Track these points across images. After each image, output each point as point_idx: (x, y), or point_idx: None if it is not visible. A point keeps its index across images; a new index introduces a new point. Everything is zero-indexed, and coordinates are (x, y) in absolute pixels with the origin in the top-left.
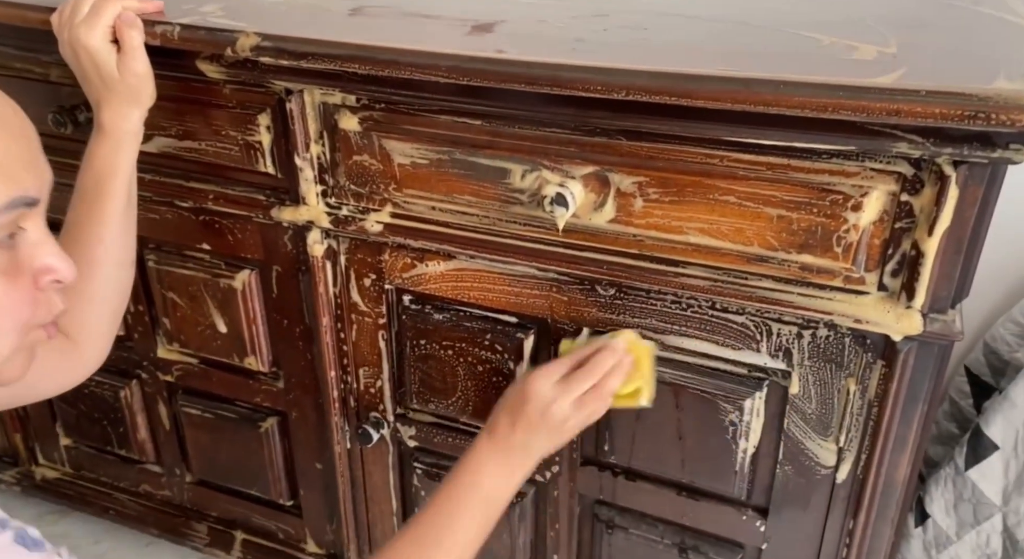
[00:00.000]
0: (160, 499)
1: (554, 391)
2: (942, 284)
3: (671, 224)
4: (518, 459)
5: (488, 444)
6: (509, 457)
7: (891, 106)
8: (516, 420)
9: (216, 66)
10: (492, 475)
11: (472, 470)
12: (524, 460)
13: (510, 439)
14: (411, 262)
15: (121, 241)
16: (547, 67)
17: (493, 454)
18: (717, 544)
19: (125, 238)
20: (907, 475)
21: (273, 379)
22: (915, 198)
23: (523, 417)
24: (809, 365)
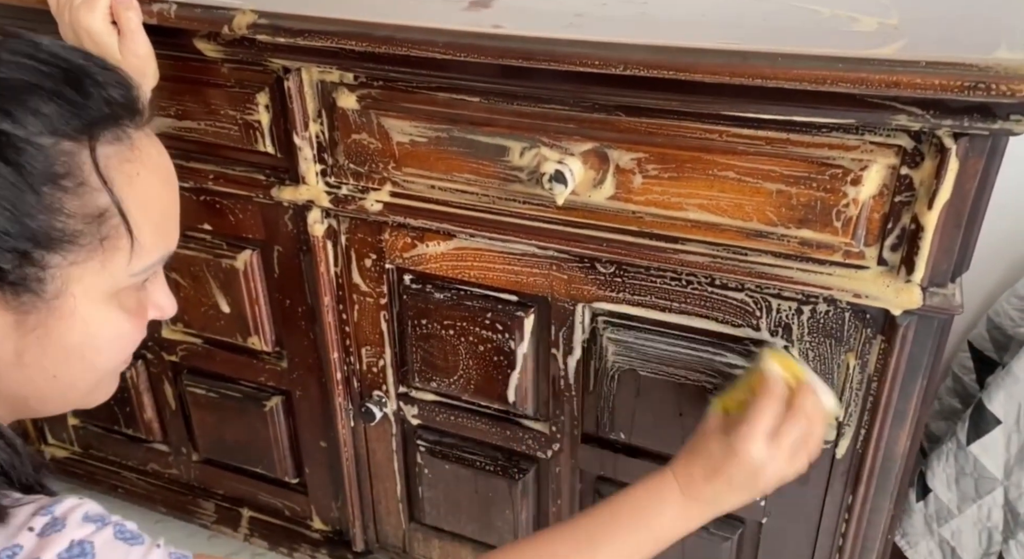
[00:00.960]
0: (168, 477)
1: (767, 452)
2: (942, 258)
3: (670, 200)
4: (700, 511)
5: (675, 487)
6: (691, 508)
7: (890, 78)
8: (716, 476)
9: (213, 45)
10: (671, 517)
11: (649, 505)
12: (707, 513)
13: (702, 491)
14: (411, 242)
15: None
16: (545, 42)
17: (678, 498)
18: (717, 519)
19: None
20: (906, 449)
21: (277, 359)
22: (915, 171)
23: (723, 476)
24: (809, 340)
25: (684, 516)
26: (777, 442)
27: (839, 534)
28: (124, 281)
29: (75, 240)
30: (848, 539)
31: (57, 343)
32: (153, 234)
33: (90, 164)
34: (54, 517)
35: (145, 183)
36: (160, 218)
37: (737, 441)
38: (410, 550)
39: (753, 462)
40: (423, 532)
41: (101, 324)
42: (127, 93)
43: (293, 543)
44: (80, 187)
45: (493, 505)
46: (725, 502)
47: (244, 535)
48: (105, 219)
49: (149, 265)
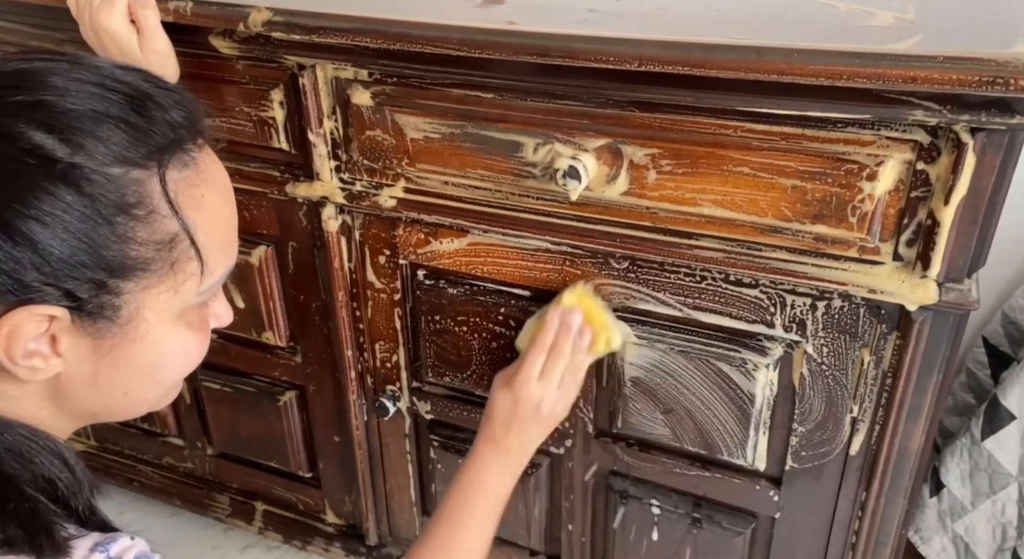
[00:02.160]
0: (183, 471)
1: (539, 388)
2: (958, 253)
3: (684, 196)
4: (517, 457)
5: (489, 449)
6: (510, 457)
7: (907, 73)
8: (511, 423)
9: (229, 42)
10: (498, 476)
11: (477, 474)
12: (522, 456)
13: (508, 441)
14: (425, 238)
15: None
16: (559, 38)
17: (496, 457)
18: (730, 514)
19: None
20: (921, 445)
21: (291, 353)
22: (931, 167)
23: (516, 420)
24: (823, 336)
25: (508, 471)
26: (546, 378)
27: (853, 530)
28: (192, 301)
29: (147, 267)
30: (862, 535)
31: (130, 364)
32: (219, 253)
33: (159, 191)
34: (109, 557)
35: (210, 205)
36: (224, 236)
37: (516, 389)
38: None
39: (532, 401)
40: None
41: (170, 344)
42: (189, 114)
43: (307, 536)
44: (151, 215)
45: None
46: (531, 442)
47: (258, 528)
48: (175, 244)
49: (214, 283)
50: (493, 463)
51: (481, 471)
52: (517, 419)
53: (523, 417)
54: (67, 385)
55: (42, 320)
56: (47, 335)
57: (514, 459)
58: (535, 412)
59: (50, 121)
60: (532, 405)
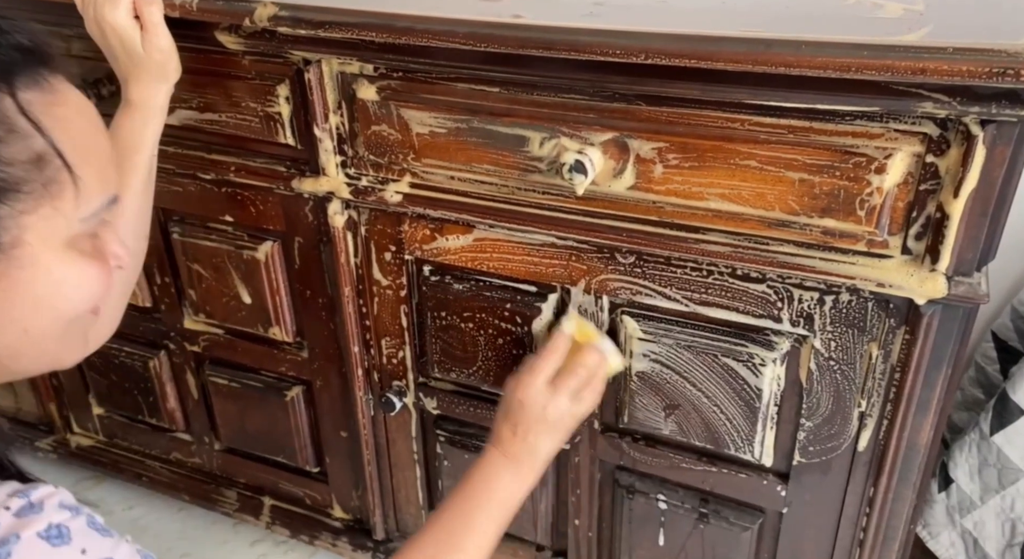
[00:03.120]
0: (191, 466)
1: (546, 395)
2: (968, 246)
3: (691, 190)
4: (527, 463)
5: (496, 454)
6: (519, 463)
7: (917, 65)
8: (517, 427)
9: (235, 37)
10: (504, 481)
11: (484, 479)
12: (533, 463)
13: (515, 446)
14: (431, 234)
15: (139, 212)
16: (565, 32)
17: (503, 462)
18: (737, 509)
19: (143, 210)
20: (930, 439)
21: (297, 349)
22: (940, 159)
23: (523, 423)
24: (831, 330)
25: (516, 476)
26: (556, 386)
27: (860, 525)
28: (76, 227)
29: (19, 188)
30: (870, 530)
31: (24, 294)
32: (94, 177)
33: (14, 108)
34: (30, 501)
35: (76, 126)
36: (98, 161)
37: (520, 390)
38: None
39: (537, 404)
40: None
41: (65, 271)
42: (36, 41)
43: (314, 531)
44: (11, 134)
45: None
46: (540, 448)
47: (266, 523)
48: (45, 163)
49: (96, 209)
50: (501, 469)
51: (487, 475)
52: (524, 422)
53: (528, 421)
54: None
55: None
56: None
57: (524, 465)
58: (541, 417)
59: None
60: (538, 407)
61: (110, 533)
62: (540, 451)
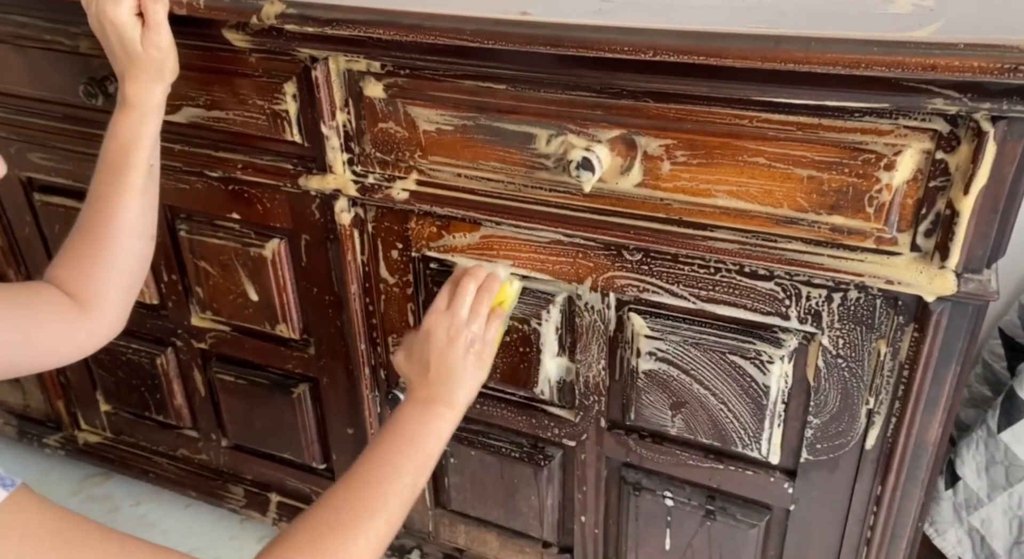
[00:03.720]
0: (197, 463)
1: (446, 317)
2: (977, 243)
3: (699, 187)
4: (442, 403)
5: (409, 402)
6: (431, 405)
7: (927, 61)
8: (427, 363)
9: (242, 34)
10: (419, 426)
11: (397, 431)
12: (447, 409)
13: (428, 387)
14: (437, 231)
15: (142, 212)
16: (573, 29)
17: (414, 410)
18: (744, 506)
19: (146, 209)
20: (938, 437)
21: (304, 346)
22: (951, 156)
23: (433, 356)
24: (839, 328)
25: (433, 416)
26: (453, 307)
27: (868, 522)
28: None
29: None
30: (877, 528)
31: None
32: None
33: None
34: None
35: None
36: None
37: (422, 326)
38: (436, 535)
39: (439, 330)
40: (449, 518)
41: None
42: None
43: None
44: None
45: (518, 491)
46: (452, 383)
47: (272, 520)
48: None
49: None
50: (413, 418)
51: (401, 427)
52: (432, 354)
53: (436, 349)
54: None
55: None
56: None
57: (441, 405)
58: (450, 341)
59: None
60: (442, 334)
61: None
62: (454, 385)
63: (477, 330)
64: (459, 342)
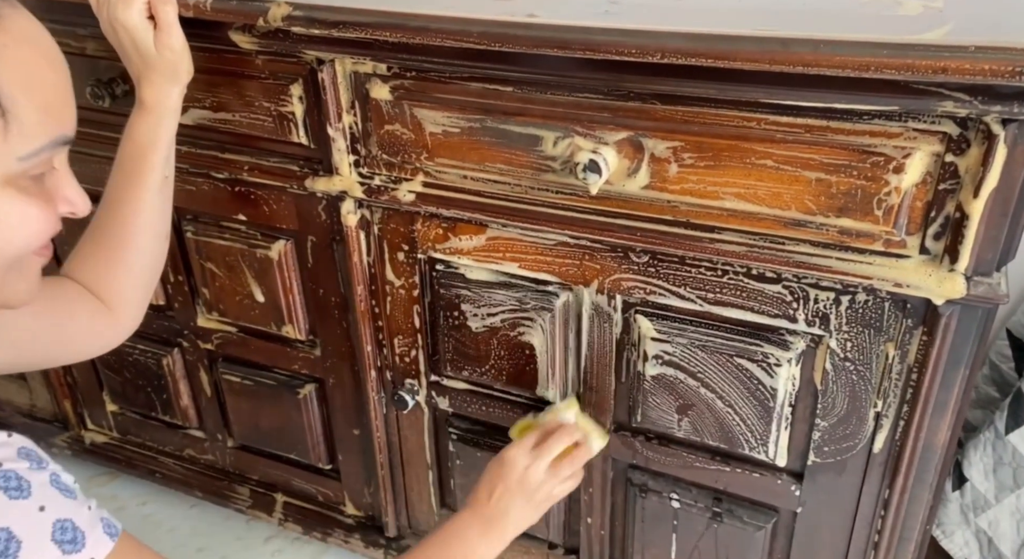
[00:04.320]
0: (204, 463)
1: (528, 457)
2: (987, 246)
3: (706, 189)
4: (498, 526)
5: (469, 513)
6: (490, 525)
7: (937, 63)
8: (494, 489)
9: (248, 37)
10: (471, 537)
11: (455, 531)
12: (504, 526)
13: (489, 507)
14: (443, 233)
15: (158, 212)
16: (580, 31)
17: (474, 522)
18: (751, 508)
19: (162, 209)
20: (947, 440)
21: (310, 347)
22: (960, 158)
23: (501, 484)
24: (847, 331)
25: (486, 536)
26: (539, 453)
27: (876, 525)
28: (14, 166)
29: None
30: (885, 530)
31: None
32: (38, 113)
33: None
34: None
35: (19, 57)
36: (44, 97)
37: (504, 452)
38: None
39: (518, 465)
40: None
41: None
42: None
43: (326, 528)
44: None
45: None
46: (514, 512)
47: (278, 520)
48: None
49: (38, 148)
50: (471, 528)
51: (459, 529)
52: (501, 483)
53: (507, 483)
54: None
55: None
56: None
57: (496, 528)
58: (521, 481)
59: None
60: (518, 470)
61: (73, 494)
62: (512, 515)
63: (549, 487)
64: (529, 485)
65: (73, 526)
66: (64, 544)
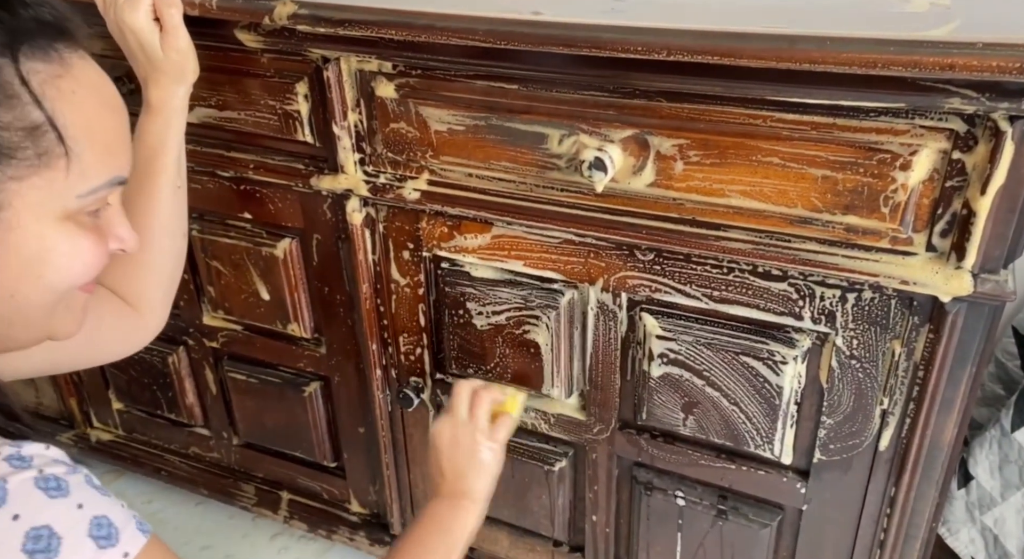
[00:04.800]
0: (209, 461)
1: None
2: (994, 244)
3: (712, 187)
4: (463, 494)
5: (434, 501)
6: (455, 497)
7: (945, 60)
8: (440, 465)
9: (254, 35)
10: (447, 521)
11: (428, 523)
12: (468, 491)
13: (446, 483)
14: (449, 232)
15: (173, 212)
16: (586, 28)
17: (440, 504)
18: (756, 506)
19: (177, 209)
20: (953, 437)
21: (315, 345)
22: (967, 155)
23: (441, 457)
24: (853, 328)
25: (454, 508)
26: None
27: (882, 523)
28: (72, 203)
29: (12, 154)
30: (891, 528)
31: (12, 257)
32: (97, 154)
33: (15, 76)
34: (20, 453)
35: (83, 101)
36: (103, 138)
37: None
38: None
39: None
40: None
41: (56, 239)
42: (56, 14)
43: (332, 526)
44: (11, 100)
45: (529, 490)
46: (467, 477)
47: (284, 517)
48: (41, 134)
49: (95, 187)
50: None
51: (431, 516)
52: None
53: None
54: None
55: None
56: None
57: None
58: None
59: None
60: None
61: (107, 493)
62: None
63: (480, 426)
64: (463, 440)
65: (108, 522)
66: (100, 540)
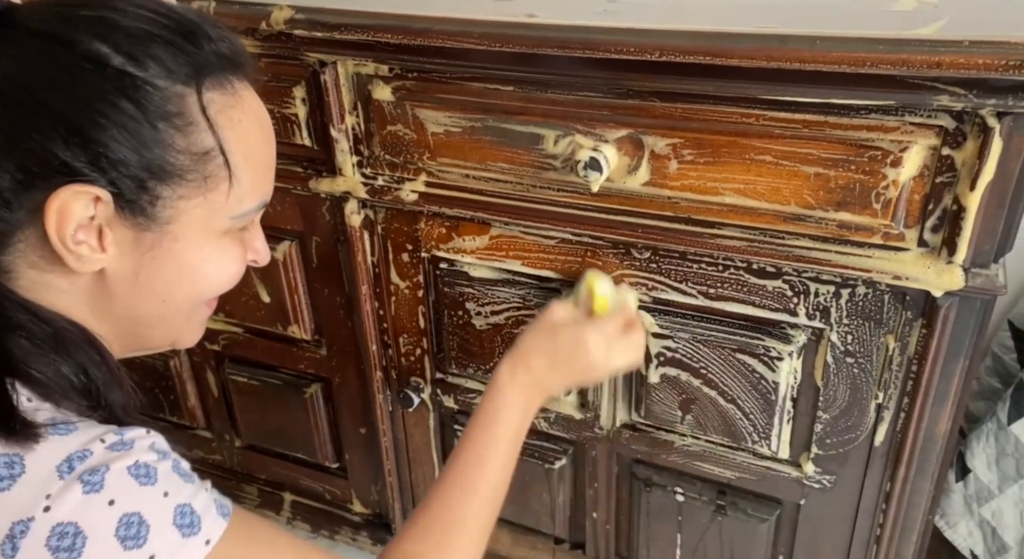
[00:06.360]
0: (211, 463)
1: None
2: (985, 238)
3: (706, 185)
4: (538, 396)
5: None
6: (532, 395)
7: (932, 58)
8: (557, 364)
9: (251, 40)
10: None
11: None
12: (543, 396)
13: (544, 380)
14: (447, 233)
15: None
16: (579, 30)
17: (521, 392)
18: (755, 500)
19: None
20: (947, 430)
21: (316, 346)
22: (957, 152)
23: (567, 363)
24: (847, 323)
25: (529, 405)
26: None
27: (878, 517)
28: (225, 223)
29: (183, 175)
30: (888, 520)
31: (173, 264)
32: (252, 179)
33: (197, 106)
34: (123, 439)
35: (246, 130)
36: (259, 165)
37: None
38: None
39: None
40: None
41: (211, 250)
42: (235, 50)
43: (334, 526)
44: (189, 126)
45: (530, 488)
46: (561, 387)
47: (287, 518)
48: (210, 158)
49: (248, 210)
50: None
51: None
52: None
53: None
54: (112, 282)
55: (88, 202)
56: (94, 226)
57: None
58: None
59: (108, 34)
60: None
61: (192, 479)
62: (556, 388)
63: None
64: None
65: (191, 510)
66: (183, 528)
